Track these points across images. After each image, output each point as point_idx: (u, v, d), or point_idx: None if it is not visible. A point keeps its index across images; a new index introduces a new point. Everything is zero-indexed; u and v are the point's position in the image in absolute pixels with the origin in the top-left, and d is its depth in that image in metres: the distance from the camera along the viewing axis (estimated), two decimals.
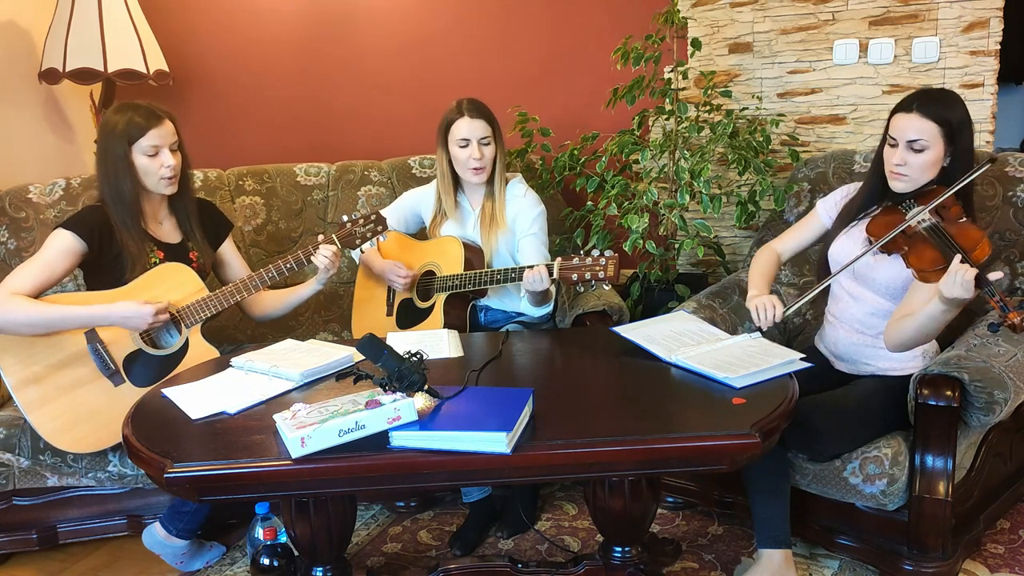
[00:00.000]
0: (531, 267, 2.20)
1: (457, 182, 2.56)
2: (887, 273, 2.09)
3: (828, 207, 2.29)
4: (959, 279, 1.73)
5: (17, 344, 2.18)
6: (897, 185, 2.05)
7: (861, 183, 2.23)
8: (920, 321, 1.90)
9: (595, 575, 1.95)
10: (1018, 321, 1.68)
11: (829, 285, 2.23)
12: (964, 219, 1.97)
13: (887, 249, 2.01)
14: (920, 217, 1.97)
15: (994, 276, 1.75)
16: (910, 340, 1.98)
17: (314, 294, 2.47)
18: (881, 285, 2.11)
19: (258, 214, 3.04)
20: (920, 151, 1.99)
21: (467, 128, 2.43)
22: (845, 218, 2.20)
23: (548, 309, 2.46)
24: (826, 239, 2.25)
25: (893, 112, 2.06)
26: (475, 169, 2.45)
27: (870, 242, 2.04)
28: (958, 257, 1.79)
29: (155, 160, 2.26)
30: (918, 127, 1.98)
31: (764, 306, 2.08)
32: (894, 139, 2.02)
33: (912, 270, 1.94)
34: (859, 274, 2.15)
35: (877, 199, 2.15)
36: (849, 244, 2.16)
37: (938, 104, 1.99)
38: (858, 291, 2.18)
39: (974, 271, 1.73)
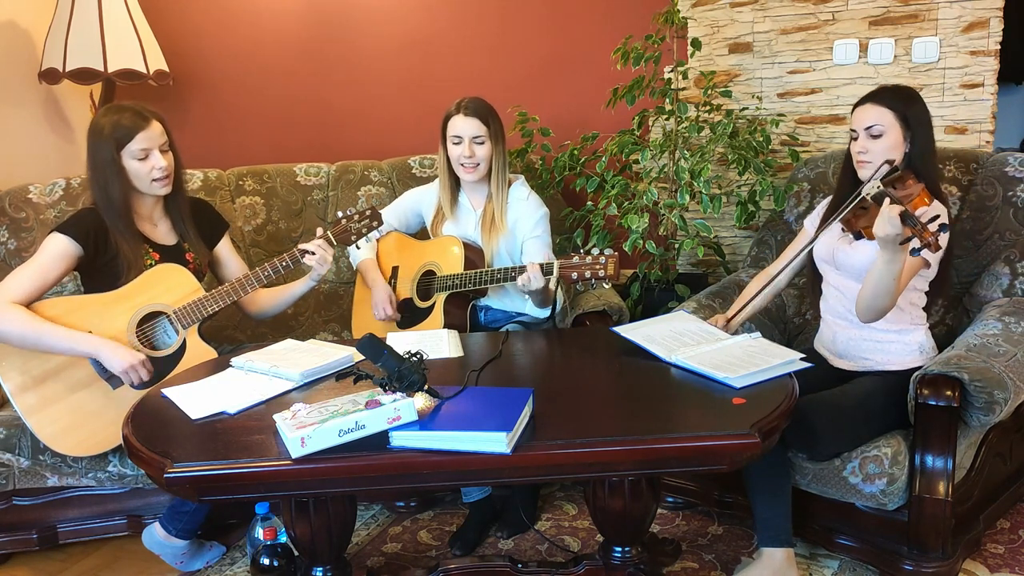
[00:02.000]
0: (524, 269, 2.20)
1: (457, 180, 2.56)
2: (862, 256, 2.13)
3: (813, 220, 2.36)
4: (885, 215, 1.80)
5: (14, 349, 2.17)
6: (863, 173, 2.15)
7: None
8: (873, 277, 1.95)
9: (595, 575, 1.95)
10: (932, 240, 1.72)
11: (819, 282, 2.30)
12: (916, 184, 1.99)
13: (851, 228, 2.04)
14: (870, 186, 2.01)
15: (920, 211, 1.80)
16: (870, 300, 1.99)
17: (313, 292, 2.47)
18: (860, 271, 2.14)
19: (258, 214, 3.04)
20: (878, 136, 2.12)
21: (461, 125, 2.44)
22: (825, 218, 2.26)
23: (550, 310, 2.47)
24: (811, 245, 2.28)
25: (853, 108, 2.19)
26: (465, 167, 2.46)
27: (843, 230, 2.08)
28: (887, 200, 1.83)
29: (145, 163, 2.25)
30: (873, 115, 2.12)
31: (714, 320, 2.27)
32: (855, 131, 2.17)
33: (866, 236, 2.00)
34: (840, 263, 2.21)
35: (850, 193, 2.18)
36: (828, 240, 2.23)
37: (892, 95, 2.14)
38: (843, 283, 2.21)
39: (899, 207, 1.78)
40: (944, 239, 1.89)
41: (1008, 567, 2.17)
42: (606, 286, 2.58)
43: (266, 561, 2.03)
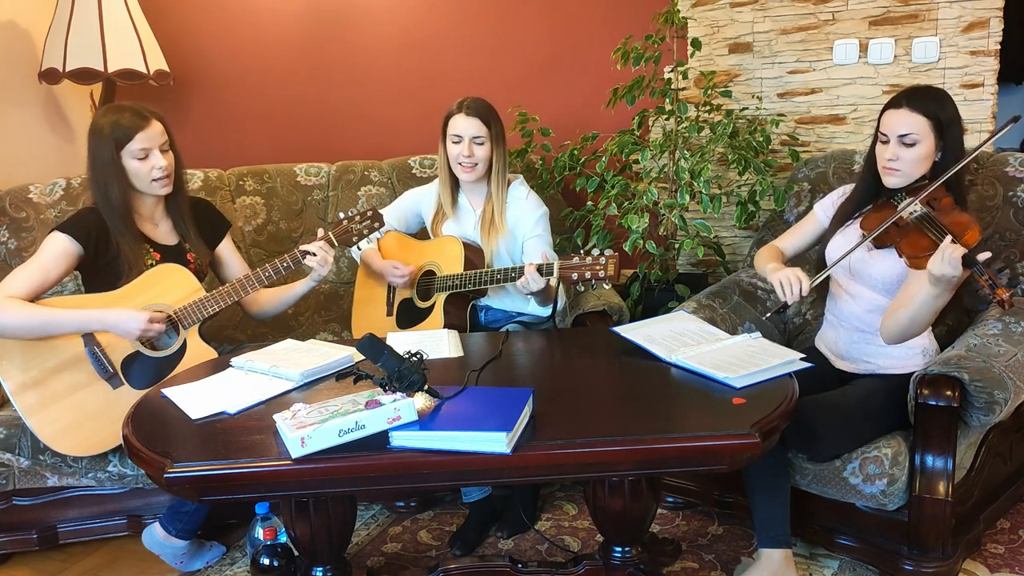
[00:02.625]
0: (523, 272, 2.20)
1: (457, 180, 2.56)
2: (882, 268, 2.10)
3: (825, 207, 2.31)
4: (947, 256, 1.76)
5: (15, 348, 2.18)
6: (890, 180, 2.08)
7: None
8: (913, 308, 1.92)
9: (595, 575, 1.94)
10: (1006, 297, 1.70)
11: (828, 281, 2.26)
12: (955, 209, 1.99)
13: (880, 242, 2.03)
14: (911, 208, 1.98)
15: (982, 256, 1.77)
16: (904, 328, 1.98)
17: (313, 292, 2.47)
18: (877, 281, 2.12)
19: (258, 214, 3.04)
20: (911, 145, 2.03)
21: (461, 125, 2.44)
22: (841, 217, 2.23)
23: (551, 308, 2.47)
24: (823, 239, 2.27)
25: (884, 109, 2.09)
26: (463, 166, 2.46)
27: (864, 236, 2.05)
28: (948, 238, 1.82)
29: (145, 163, 2.24)
30: (908, 122, 2.02)
31: (789, 279, 2.06)
32: (885, 135, 2.06)
33: (904, 258, 1.97)
34: (856, 271, 2.16)
35: (871, 196, 2.18)
36: (844, 242, 2.18)
37: (927, 99, 2.03)
38: (855, 288, 2.18)
39: (962, 249, 1.75)
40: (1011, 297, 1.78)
41: (1008, 567, 2.17)
42: (606, 286, 2.58)
43: (266, 561, 2.03)
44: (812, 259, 2.55)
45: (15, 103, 3.22)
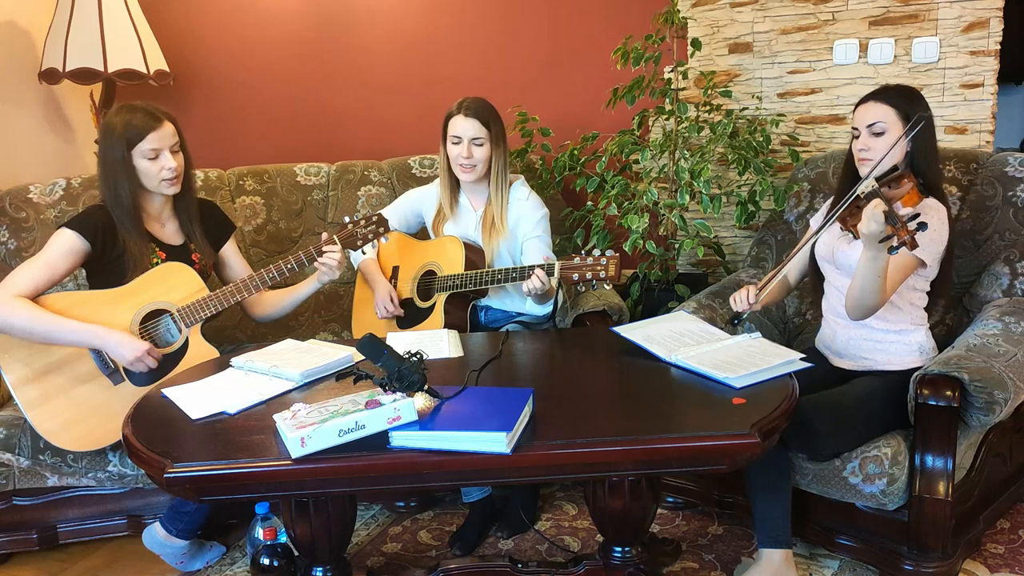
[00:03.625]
0: (531, 273, 2.21)
1: (457, 180, 2.56)
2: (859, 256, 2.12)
3: (817, 218, 2.36)
4: (870, 213, 1.80)
5: (17, 342, 2.18)
6: (864, 170, 2.13)
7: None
8: (858, 276, 1.96)
9: (595, 575, 1.95)
10: (908, 238, 1.73)
11: (822, 281, 2.30)
12: (913, 190, 1.99)
13: (846, 226, 2.05)
14: (865, 184, 2.00)
15: (904, 211, 1.80)
16: (857, 299, 2.00)
17: (314, 294, 2.47)
18: None
19: (258, 214, 3.04)
20: (880, 134, 2.12)
21: (461, 126, 2.44)
22: (826, 219, 2.24)
23: (550, 307, 2.47)
24: (812, 244, 2.29)
25: (855, 106, 2.19)
26: (462, 167, 2.46)
27: (842, 229, 2.08)
28: (875, 199, 1.84)
29: (155, 163, 2.25)
30: (875, 112, 2.13)
31: (739, 293, 2.19)
32: (857, 129, 2.16)
33: (851, 232, 2.00)
34: (839, 263, 2.20)
35: (849, 191, 2.19)
36: (828, 238, 2.23)
37: (895, 93, 2.14)
38: (843, 282, 2.21)
39: (883, 205, 1.78)
40: (924, 238, 1.90)
41: (1008, 567, 2.17)
42: (607, 287, 2.58)
43: (266, 561, 2.03)
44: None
45: (15, 103, 3.22)
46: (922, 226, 1.71)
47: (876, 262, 1.89)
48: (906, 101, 2.11)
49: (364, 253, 2.57)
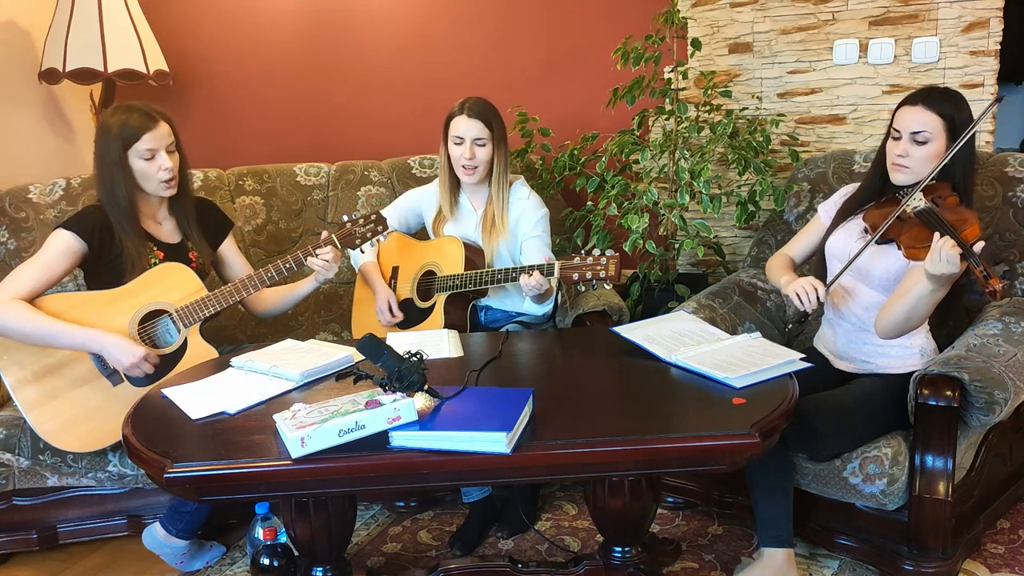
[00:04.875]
0: (529, 274, 2.21)
1: (458, 180, 2.56)
2: (883, 265, 2.10)
3: (828, 208, 2.31)
4: (943, 254, 1.76)
5: (16, 344, 2.18)
6: (898, 177, 2.08)
7: (860, 182, 2.25)
8: (909, 302, 1.92)
9: (595, 575, 1.95)
10: (999, 288, 1.71)
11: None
12: (959, 206, 1.99)
13: (883, 236, 2.02)
14: (914, 202, 1.98)
15: (977, 247, 1.77)
16: (900, 323, 1.98)
17: (313, 292, 2.47)
18: (876, 278, 2.12)
19: (258, 214, 3.04)
20: (923, 143, 2.03)
21: (463, 126, 2.44)
22: (844, 213, 2.23)
23: (549, 307, 2.47)
24: (826, 236, 2.27)
25: (899, 105, 2.09)
26: (465, 168, 2.46)
27: (866, 231, 2.05)
28: (937, 234, 1.82)
29: (152, 163, 2.25)
30: (922, 119, 2.02)
31: (804, 288, 2.08)
32: (898, 131, 2.07)
33: (903, 249, 1.97)
34: (856, 267, 2.15)
35: (876, 193, 2.18)
36: (845, 237, 2.19)
37: (944, 99, 2.04)
38: (854, 286, 2.18)
39: (955, 245, 1.75)
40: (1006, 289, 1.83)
41: (1008, 567, 2.17)
42: (607, 287, 2.59)
43: (266, 561, 2.03)
44: (812, 259, 2.55)
45: (15, 103, 3.22)
46: (1006, 274, 1.68)
47: (936, 294, 1.85)
48: (955, 112, 2.01)
49: (363, 252, 2.56)
